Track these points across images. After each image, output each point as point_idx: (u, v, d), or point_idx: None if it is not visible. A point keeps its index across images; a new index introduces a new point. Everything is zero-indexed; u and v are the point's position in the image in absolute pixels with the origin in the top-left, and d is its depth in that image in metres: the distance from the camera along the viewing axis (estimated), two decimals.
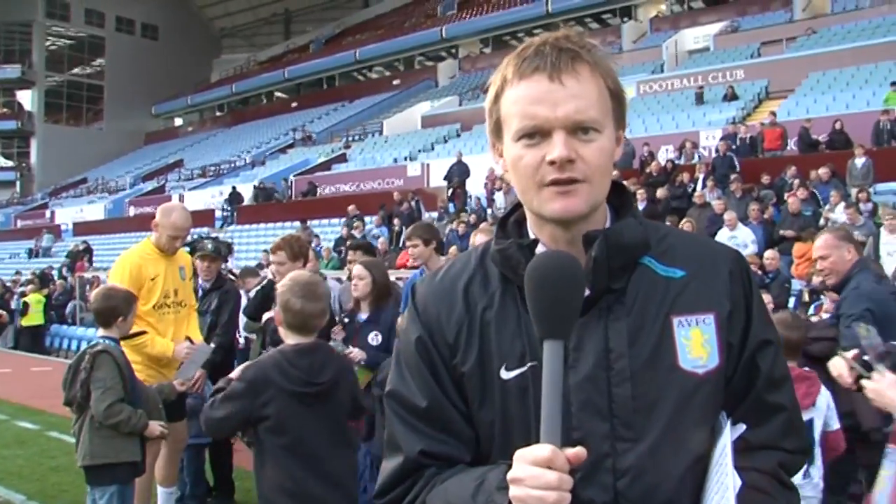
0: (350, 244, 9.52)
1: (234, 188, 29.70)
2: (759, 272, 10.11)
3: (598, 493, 1.24)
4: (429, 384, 1.36)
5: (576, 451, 1.10)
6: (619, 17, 38.49)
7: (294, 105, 48.87)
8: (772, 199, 14.15)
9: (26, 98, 55.47)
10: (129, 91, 55.31)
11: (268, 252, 9.02)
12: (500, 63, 1.35)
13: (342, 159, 32.50)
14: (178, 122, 58.77)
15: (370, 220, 20.18)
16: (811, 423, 3.69)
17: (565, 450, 1.09)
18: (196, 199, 32.42)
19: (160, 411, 4.44)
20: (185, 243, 5.66)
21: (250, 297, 6.50)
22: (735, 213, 12.68)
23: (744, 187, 14.62)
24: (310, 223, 22.33)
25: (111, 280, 5.04)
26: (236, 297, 6.26)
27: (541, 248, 1.33)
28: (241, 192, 29.27)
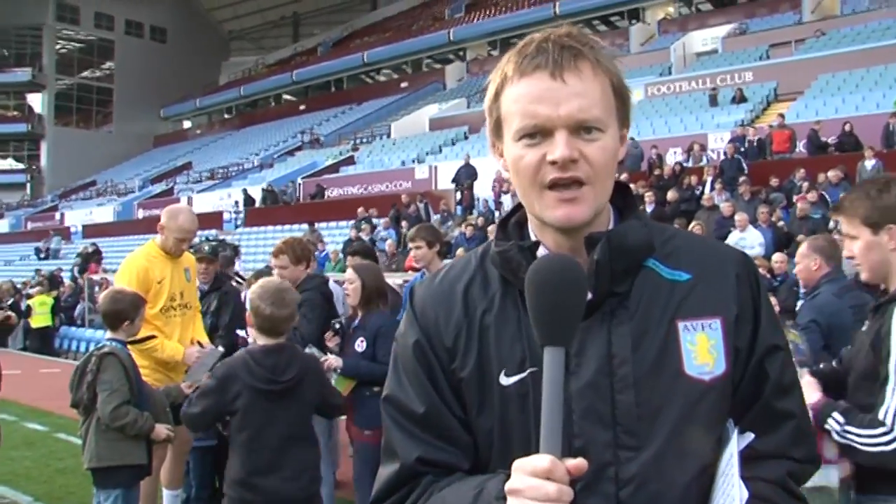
0: (348, 249, 9.29)
1: (246, 191, 29.79)
2: (767, 275, 10.07)
3: (600, 502, 1.21)
4: (426, 389, 1.33)
5: (576, 463, 1.06)
6: (627, 19, 38.47)
7: (302, 108, 49.01)
8: (781, 202, 14.09)
9: (37, 101, 55.78)
10: (138, 94, 55.56)
11: None
12: None
13: (350, 162, 32.57)
14: (186, 124, 58.96)
15: (378, 222, 20.20)
16: None
17: (566, 460, 1.05)
18: (204, 202, 32.55)
19: (167, 414, 4.43)
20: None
21: None
22: (746, 215, 12.64)
23: (752, 190, 14.58)
24: (317, 226, 22.35)
25: (118, 283, 4.99)
26: (236, 298, 6.24)
27: (542, 250, 1.30)
28: (252, 195, 29.36)
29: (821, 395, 2.47)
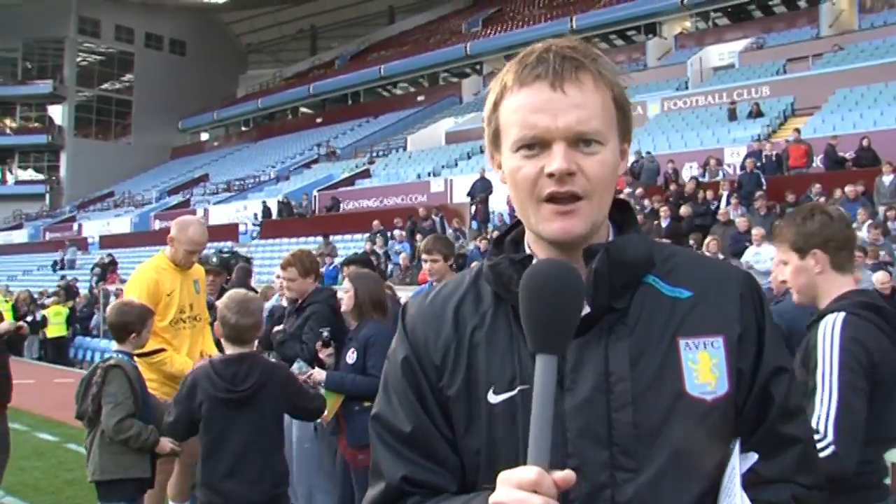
0: (345, 259, 9.12)
1: (265, 203, 29.89)
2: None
3: None
4: (414, 408, 1.29)
5: (564, 475, 1.01)
6: (644, 33, 38.39)
7: (319, 120, 49.21)
8: None
9: (57, 113, 56.31)
10: (157, 106, 56.01)
11: None
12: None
13: (366, 175, 32.64)
14: (204, 136, 59.35)
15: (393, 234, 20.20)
16: None
17: (553, 473, 1.01)
18: (220, 214, 32.74)
19: None
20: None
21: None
22: (762, 230, 12.52)
23: (768, 205, 14.46)
24: (332, 238, 22.39)
25: (127, 295, 4.99)
26: None
27: None
28: (270, 207, 29.48)
29: None
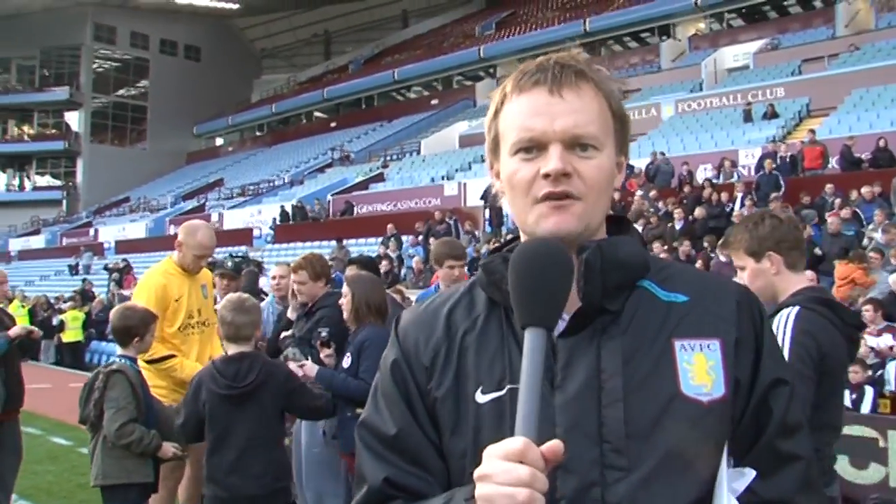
0: (348, 259, 8.89)
1: (283, 207, 29.97)
2: None
3: None
4: (401, 410, 1.28)
5: (552, 445, 0.99)
6: (658, 35, 38.25)
7: (333, 125, 49.29)
8: (813, 219, 13.86)
9: (74, 119, 56.73)
10: (172, 111, 56.31)
11: None
12: None
13: (380, 179, 32.66)
14: (218, 141, 59.64)
15: (407, 238, 20.19)
16: None
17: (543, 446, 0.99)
18: (235, 218, 32.85)
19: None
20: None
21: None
22: None
23: (783, 206, 14.34)
24: (346, 242, 22.42)
25: (135, 300, 4.99)
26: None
27: None
28: (288, 212, 29.55)
29: None
